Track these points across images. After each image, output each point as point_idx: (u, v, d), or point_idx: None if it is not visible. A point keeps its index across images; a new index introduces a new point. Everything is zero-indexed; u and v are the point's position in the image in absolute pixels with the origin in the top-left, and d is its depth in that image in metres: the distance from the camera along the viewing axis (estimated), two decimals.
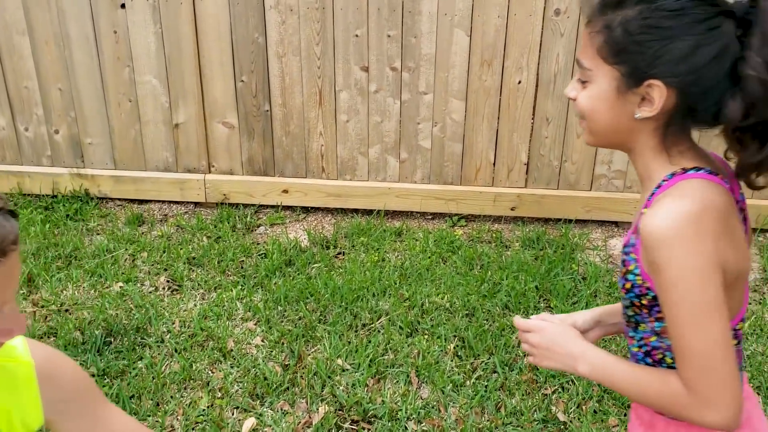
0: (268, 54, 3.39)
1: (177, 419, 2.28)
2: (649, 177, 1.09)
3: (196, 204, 3.72)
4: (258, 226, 3.55)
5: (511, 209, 3.60)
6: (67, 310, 2.82)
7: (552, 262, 3.19)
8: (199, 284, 3.02)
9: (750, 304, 2.98)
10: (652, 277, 1.04)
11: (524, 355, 2.56)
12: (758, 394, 2.44)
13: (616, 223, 3.61)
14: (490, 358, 2.56)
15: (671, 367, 1.10)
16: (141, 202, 3.72)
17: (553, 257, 3.23)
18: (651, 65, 1.00)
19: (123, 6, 3.32)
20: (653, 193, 1.06)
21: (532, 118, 3.45)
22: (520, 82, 3.37)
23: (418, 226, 3.59)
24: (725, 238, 1.00)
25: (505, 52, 3.32)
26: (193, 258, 3.21)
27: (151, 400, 2.33)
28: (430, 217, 3.70)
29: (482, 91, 3.40)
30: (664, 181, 1.05)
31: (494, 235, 3.50)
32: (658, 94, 1.01)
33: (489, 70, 3.36)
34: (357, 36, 3.33)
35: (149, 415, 2.29)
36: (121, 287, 2.97)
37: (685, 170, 1.04)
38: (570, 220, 3.58)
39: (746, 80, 0.97)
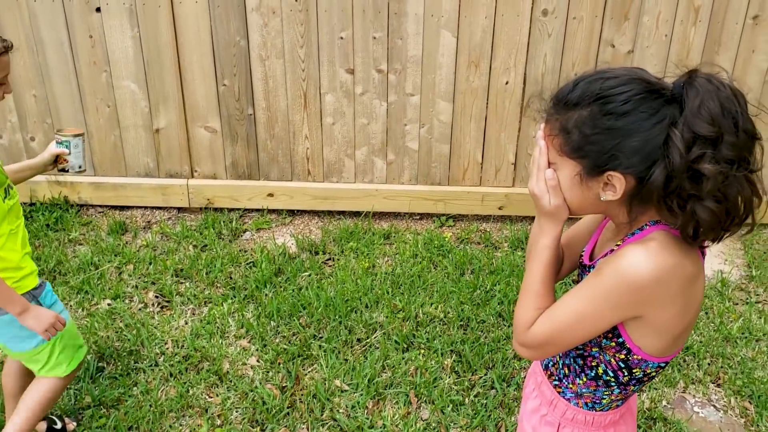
0: (250, 57, 3.30)
1: None
2: (624, 225, 1.19)
3: (179, 209, 3.65)
4: (244, 232, 3.50)
5: (499, 208, 3.60)
6: None
7: None
8: (188, 299, 2.97)
9: (737, 304, 3.03)
10: None
11: (520, 369, 2.58)
12: (750, 402, 2.49)
13: None
14: (487, 373, 2.57)
15: (600, 377, 1.23)
16: (123, 208, 3.64)
17: None
18: (608, 161, 1.09)
19: (98, 10, 3.19)
20: (626, 238, 1.17)
21: (520, 118, 3.42)
22: (507, 83, 3.33)
23: (406, 228, 3.56)
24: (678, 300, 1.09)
25: (492, 52, 3.27)
26: (181, 270, 3.15)
27: (150, 431, 2.30)
28: (417, 217, 3.67)
29: (470, 92, 3.36)
30: (638, 230, 1.16)
31: (483, 235, 3.49)
32: (618, 183, 1.10)
33: (476, 71, 3.31)
34: (342, 38, 3.25)
35: None
36: (109, 305, 2.91)
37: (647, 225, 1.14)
38: None
39: (670, 150, 1.05)
